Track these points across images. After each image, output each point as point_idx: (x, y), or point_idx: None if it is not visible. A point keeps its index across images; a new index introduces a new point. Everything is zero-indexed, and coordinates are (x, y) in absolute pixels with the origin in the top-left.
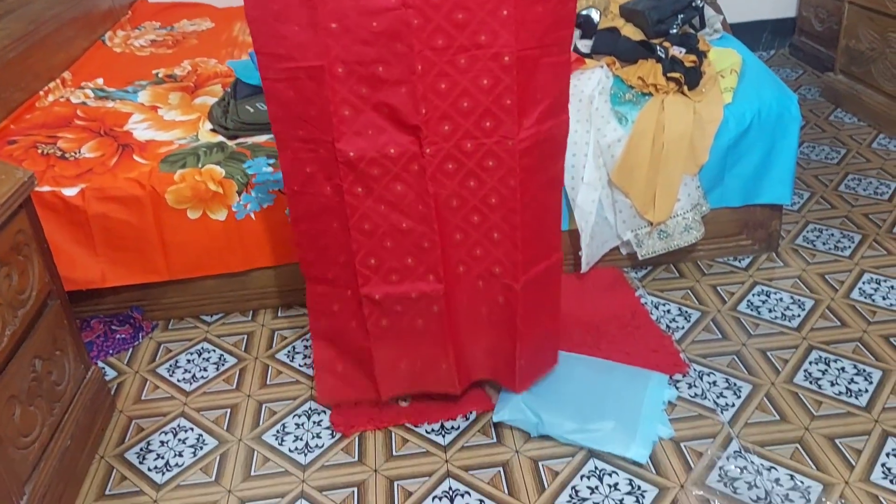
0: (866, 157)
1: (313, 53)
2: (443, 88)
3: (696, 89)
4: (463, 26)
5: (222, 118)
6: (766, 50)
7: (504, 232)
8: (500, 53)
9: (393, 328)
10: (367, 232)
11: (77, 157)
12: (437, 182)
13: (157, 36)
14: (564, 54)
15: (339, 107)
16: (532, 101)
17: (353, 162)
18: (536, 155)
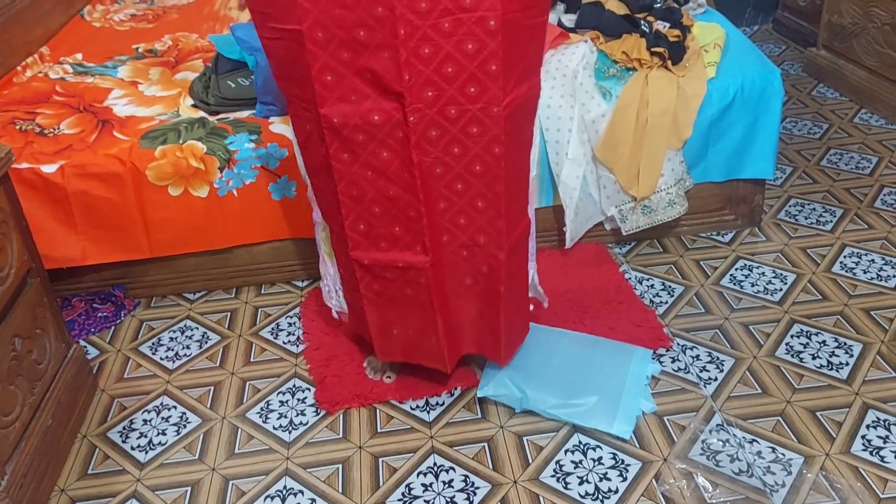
0: (848, 131)
1: (291, 17)
2: (426, 53)
3: (680, 64)
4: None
5: (203, 93)
6: (750, 25)
7: (488, 200)
8: (485, 17)
9: (384, 293)
10: (355, 197)
11: (56, 133)
12: (421, 150)
13: (136, 10)
14: (543, 15)
15: (320, 72)
16: (515, 65)
17: (338, 128)
18: (516, 118)
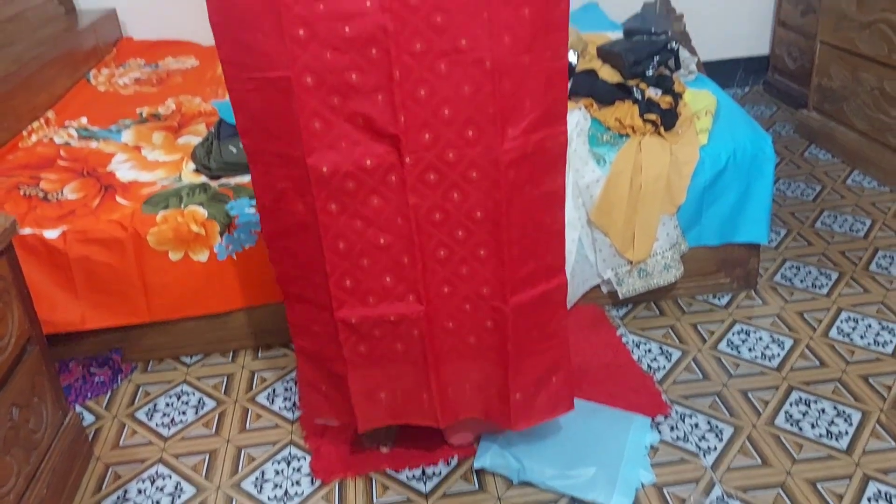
0: (841, 193)
1: (280, 63)
2: (422, 95)
3: (673, 130)
4: (442, 30)
5: (205, 158)
6: (741, 87)
7: (491, 248)
8: (481, 59)
9: (371, 354)
10: (341, 252)
11: (59, 198)
12: (417, 193)
13: (141, 74)
14: (559, 60)
15: (308, 120)
16: (520, 109)
17: (327, 178)
18: (526, 168)
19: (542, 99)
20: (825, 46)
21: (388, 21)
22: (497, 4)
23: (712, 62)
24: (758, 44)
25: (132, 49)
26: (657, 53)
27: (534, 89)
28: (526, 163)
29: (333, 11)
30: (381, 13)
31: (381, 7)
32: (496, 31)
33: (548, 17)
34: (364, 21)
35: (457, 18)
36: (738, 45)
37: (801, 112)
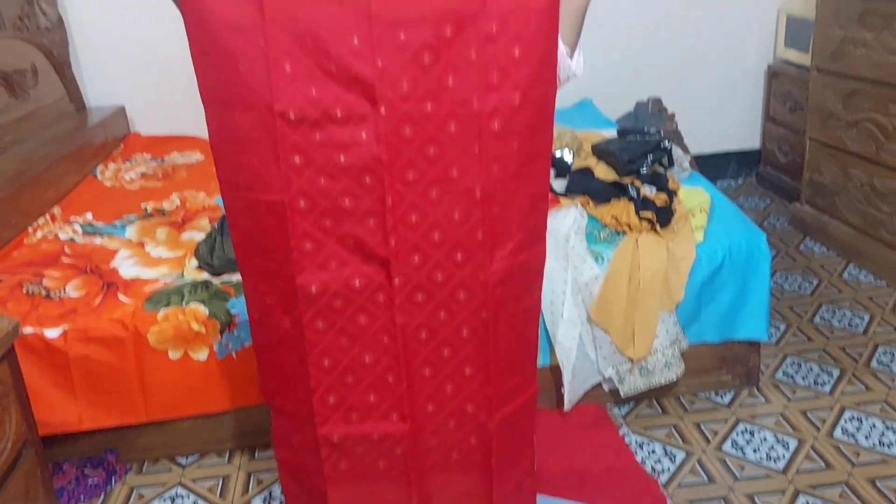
0: (839, 287)
1: (274, 187)
2: (413, 220)
3: (668, 227)
4: (435, 160)
5: (208, 255)
6: (734, 179)
7: (477, 366)
8: (471, 188)
9: (352, 471)
10: (326, 368)
11: (61, 296)
12: (405, 312)
13: (147, 168)
14: (541, 186)
15: (299, 241)
16: (506, 233)
17: (315, 296)
18: (511, 287)
19: (526, 222)
20: (814, 143)
21: (383, 152)
22: (488, 138)
23: (705, 155)
24: (749, 138)
25: (139, 144)
26: (651, 152)
27: (519, 213)
28: (511, 282)
29: (330, 141)
30: (376, 144)
31: (376, 138)
32: (486, 161)
33: (534, 147)
34: (359, 151)
35: (449, 150)
36: (729, 139)
37: (794, 205)
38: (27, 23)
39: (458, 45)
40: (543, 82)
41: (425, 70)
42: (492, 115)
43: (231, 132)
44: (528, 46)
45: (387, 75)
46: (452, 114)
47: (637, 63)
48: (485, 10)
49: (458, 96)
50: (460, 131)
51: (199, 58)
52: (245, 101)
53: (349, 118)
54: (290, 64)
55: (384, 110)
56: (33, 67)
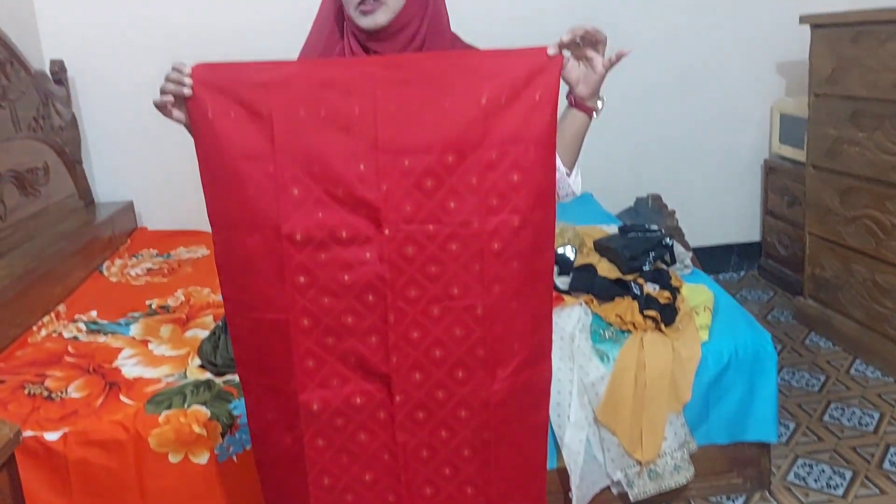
0: (846, 384)
1: (278, 306)
2: (415, 337)
3: (673, 326)
4: (436, 279)
5: (212, 354)
6: (736, 271)
7: (478, 486)
8: (472, 305)
9: None
10: (326, 487)
11: (63, 397)
12: (406, 430)
13: (153, 264)
14: (544, 306)
15: (302, 359)
16: (508, 351)
17: (316, 414)
18: (514, 406)
19: (529, 340)
20: (814, 238)
21: (386, 271)
22: (489, 258)
23: (706, 248)
24: (749, 231)
25: (146, 239)
26: (653, 249)
27: (521, 332)
28: (514, 401)
29: (335, 261)
30: (379, 263)
31: (379, 258)
32: (487, 281)
33: (535, 269)
34: (363, 270)
35: (450, 269)
36: (729, 232)
37: (797, 299)
38: (42, 123)
39: (460, 171)
40: (542, 206)
41: (428, 194)
42: (492, 236)
43: (238, 253)
44: (526, 173)
45: (391, 199)
46: (454, 235)
47: (636, 158)
48: (485, 140)
49: (460, 218)
50: (461, 251)
51: (209, 182)
52: (253, 223)
53: (354, 239)
54: (299, 188)
55: (388, 232)
56: (45, 166)
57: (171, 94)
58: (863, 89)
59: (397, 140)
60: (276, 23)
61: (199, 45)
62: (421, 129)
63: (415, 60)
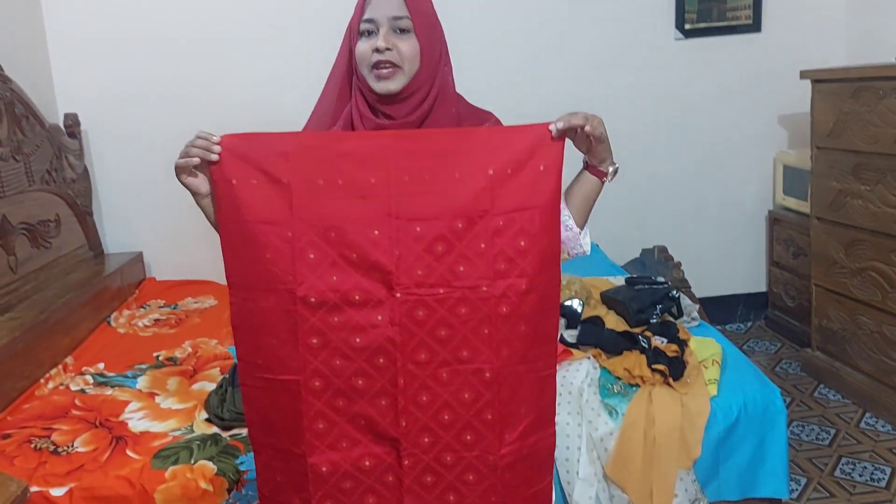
0: (857, 438)
1: (290, 367)
2: (424, 401)
3: (681, 380)
4: (446, 342)
5: (218, 408)
6: (743, 322)
7: None
8: (481, 369)
9: None
10: None
11: (69, 451)
12: (413, 494)
13: (160, 315)
14: (549, 368)
15: (312, 421)
16: (515, 415)
17: (325, 477)
18: (520, 470)
19: (536, 404)
20: (820, 289)
21: (397, 334)
22: (497, 321)
23: (712, 298)
24: (755, 282)
25: (154, 290)
26: (660, 302)
27: (528, 396)
28: (520, 465)
29: (347, 324)
30: (390, 327)
31: (390, 321)
32: (496, 344)
33: (541, 332)
34: (374, 333)
35: (460, 332)
36: (735, 283)
37: (805, 351)
38: (55, 175)
39: (469, 237)
40: (547, 270)
41: (438, 259)
42: (500, 299)
43: (254, 315)
44: (533, 239)
45: (403, 263)
46: (463, 298)
47: (642, 209)
48: (493, 208)
49: (469, 282)
50: (470, 315)
51: (229, 244)
52: (269, 285)
53: (366, 302)
54: (315, 253)
55: (399, 295)
56: (57, 217)
57: (197, 158)
58: (864, 143)
59: (410, 208)
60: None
61: (208, 103)
62: (432, 198)
63: (427, 135)
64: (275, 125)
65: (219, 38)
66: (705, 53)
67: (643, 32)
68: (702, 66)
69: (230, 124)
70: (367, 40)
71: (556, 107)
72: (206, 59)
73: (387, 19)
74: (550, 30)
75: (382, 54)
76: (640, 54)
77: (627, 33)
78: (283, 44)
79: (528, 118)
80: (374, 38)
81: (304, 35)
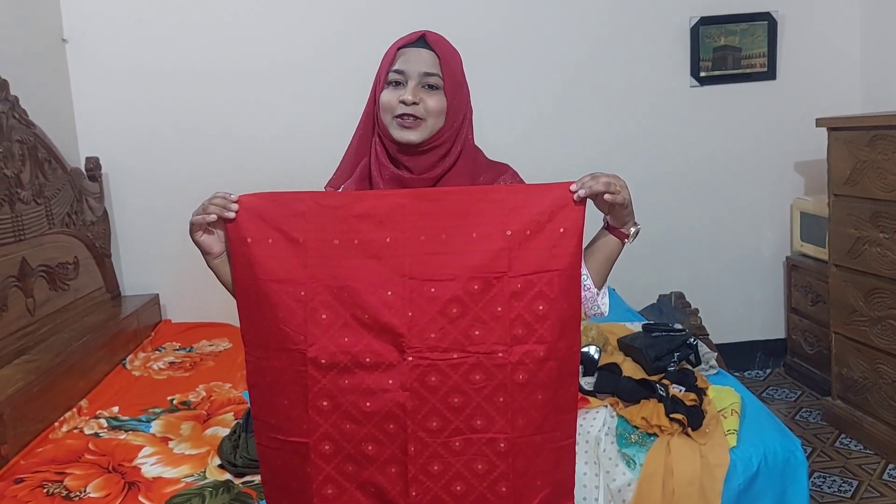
0: (880, 490)
1: (301, 429)
2: (435, 470)
3: (700, 430)
4: (459, 410)
5: (231, 454)
6: (762, 369)
7: None
8: (495, 439)
9: None
10: None
11: (82, 496)
12: None
13: (175, 357)
14: (567, 439)
15: (322, 485)
16: (531, 487)
17: None
18: None
19: (552, 476)
20: (839, 337)
21: (408, 399)
22: (513, 389)
23: (730, 344)
24: (774, 328)
25: (169, 332)
26: (677, 349)
27: (544, 467)
28: None
29: (357, 387)
30: (401, 391)
31: (401, 385)
32: (512, 413)
33: (559, 401)
34: (385, 398)
35: (474, 400)
36: (754, 330)
37: (826, 399)
38: (74, 218)
39: (485, 300)
40: (567, 336)
41: (453, 322)
42: (517, 367)
43: (266, 374)
44: (552, 303)
45: (416, 326)
46: (478, 364)
47: (659, 255)
48: (511, 270)
49: (485, 348)
50: (485, 382)
51: (243, 303)
52: (281, 345)
53: (377, 365)
54: (327, 313)
55: (411, 359)
56: (75, 260)
57: (215, 215)
58: (881, 191)
59: (425, 268)
60: (306, 130)
61: (228, 150)
62: (448, 258)
63: (444, 193)
64: (293, 173)
65: (240, 86)
66: (721, 101)
67: (659, 80)
68: (717, 114)
69: (250, 171)
70: (393, 90)
71: (572, 155)
72: (228, 107)
73: (418, 74)
74: (566, 77)
75: (409, 107)
76: (655, 101)
77: (643, 80)
78: (303, 92)
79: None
80: (401, 90)
81: (327, 84)
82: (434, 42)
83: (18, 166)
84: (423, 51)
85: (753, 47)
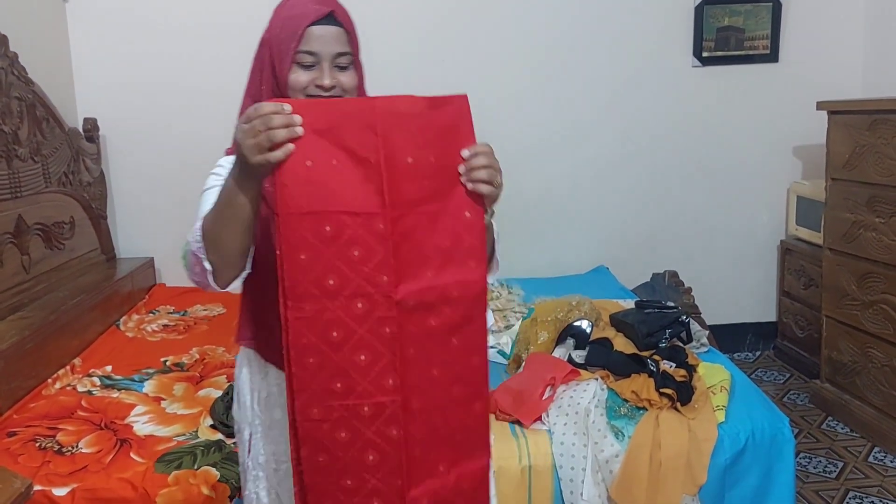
0: (864, 472)
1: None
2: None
3: (689, 405)
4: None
5: (224, 415)
6: (752, 351)
7: None
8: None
9: None
10: None
11: (74, 451)
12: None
13: (169, 321)
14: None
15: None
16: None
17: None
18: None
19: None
20: (831, 321)
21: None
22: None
23: (721, 326)
24: (765, 311)
25: (163, 296)
26: (669, 326)
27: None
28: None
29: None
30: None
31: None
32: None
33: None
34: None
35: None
36: (745, 312)
37: (814, 382)
38: (71, 178)
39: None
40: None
41: None
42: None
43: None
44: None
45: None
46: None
47: (653, 234)
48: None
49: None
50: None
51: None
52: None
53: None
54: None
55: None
56: (71, 220)
57: (283, 132)
58: (879, 176)
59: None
60: None
61: (227, 114)
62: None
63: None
64: None
65: (241, 50)
66: (722, 82)
67: (661, 59)
68: (718, 94)
69: None
70: (305, 72)
71: (573, 132)
72: (228, 69)
73: (331, 55)
74: (567, 55)
75: (328, 91)
76: (657, 80)
77: (645, 59)
78: None
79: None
80: (313, 71)
81: None
82: (342, 17)
83: (16, 123)
84: (332, 28)
85: (757, 29)
